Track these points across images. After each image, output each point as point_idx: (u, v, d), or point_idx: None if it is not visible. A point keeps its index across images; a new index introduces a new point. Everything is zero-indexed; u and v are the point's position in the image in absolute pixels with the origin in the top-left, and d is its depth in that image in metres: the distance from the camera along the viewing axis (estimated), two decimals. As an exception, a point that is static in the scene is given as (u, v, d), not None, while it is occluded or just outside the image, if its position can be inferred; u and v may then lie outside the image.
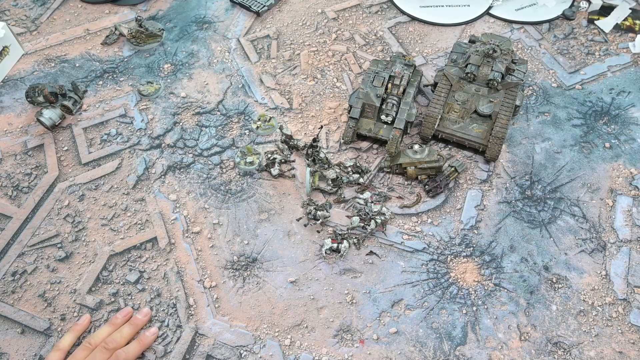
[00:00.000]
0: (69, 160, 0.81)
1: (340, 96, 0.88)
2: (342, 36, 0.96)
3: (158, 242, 0.73)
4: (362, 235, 0.72)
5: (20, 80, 0.90)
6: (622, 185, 0.77)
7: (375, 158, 0.80)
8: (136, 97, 0.88)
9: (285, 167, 0.80)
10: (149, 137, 0.83)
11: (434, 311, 0.67)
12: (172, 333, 0.66)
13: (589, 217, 0.74)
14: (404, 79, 0.80)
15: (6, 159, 0.81)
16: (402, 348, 0.64)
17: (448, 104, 0.80)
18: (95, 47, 0.95)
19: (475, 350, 0.64)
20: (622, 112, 0.85)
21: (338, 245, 0.70)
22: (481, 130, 0.78)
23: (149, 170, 0.80)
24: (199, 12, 1.01)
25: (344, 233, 0.72)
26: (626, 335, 0.65)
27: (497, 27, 0.97)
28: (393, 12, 1.00)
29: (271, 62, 0.93)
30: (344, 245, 0.70)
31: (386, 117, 0.79)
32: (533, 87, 0.88)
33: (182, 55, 0.94)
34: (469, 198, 0.76)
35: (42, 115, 0.81)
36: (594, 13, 0.98)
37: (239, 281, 0.70)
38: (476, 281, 0.69)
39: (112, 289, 0.69)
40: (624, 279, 0.69)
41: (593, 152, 0.81)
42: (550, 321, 0.66)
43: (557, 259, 0.71)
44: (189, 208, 0.76)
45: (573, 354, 0.64)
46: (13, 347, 0.65)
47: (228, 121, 0.85)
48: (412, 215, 0.75)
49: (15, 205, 0.76)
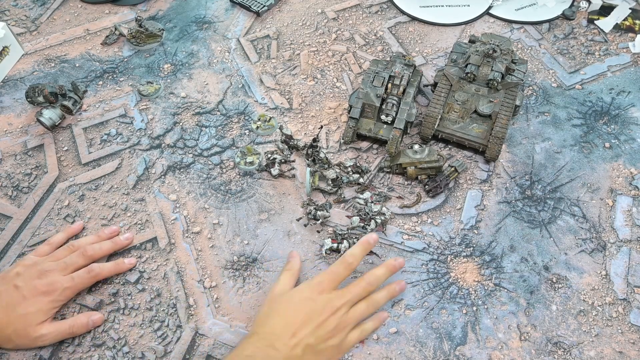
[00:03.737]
0: (69, 161, 0.81)
1: (340, 96, 0.88)
2: (342, 36, 0.96)
3: (158, 242, 0.73)
4: (362, 235, 0.72)
5: (20, 80, 0.90)
6: (622, 185, 0.77)
7: (375, 158, 0.80)
8: (136, 97, 0.88)
9: (285, 167, 0.80)
10: (149, 137, 0.83)
11: (434, 311, 0.67)
12: (172, 333, 0.66)
13: (589, 217, 0.74)
14: (404, 79, 0.80)
15: (6, 159, 0.81)
16: (402, 348, 0.64)
17: (448, 104, 0.80)
18: (95, 47, 0.95)
19: (475, 350, 0.64)
20: (622, 112, 0.85)
21: (338, 245, 0.70)
22: (481, 130, 0.78)
23: (149, 170, 0.80)
24: (199, 12, 1.01)
25: (344, 233, 0.72)
26: (626, 335, 0.65)
27: (497, 27, 0.97)
28: (393, 12, 1.00)
29: (271, 62, 0.93)
30: (344, 245, 0.70)
31: (386, 117, 0.79)
32: (533, 87, 0.88)
33: (182, 55, 0.94)
34: (469, 198, 0.76)
35: (42, 115, 0.81)
36: (594, 13, 0.98)
37: (239, 281, 0.70)
38: (476, 281, 0.69)
39: (112, 289, 0.69)
40: (624, 278, 0.69)
41: (593, 152, 0.81)
42: (550, 321, 0.66)
43: (557, 259, 0.71)
44: (189, 208, 0.76)
45: (573, 354, 0.64)
46: (13, 347, 0.65)
47: (228, 121, 0.85)
48: (412, 215, 0.75)
49: (15, 206, 0.76)
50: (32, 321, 0.62)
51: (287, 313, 0.60)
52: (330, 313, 0.60)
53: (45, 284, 0.63)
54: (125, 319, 0.67)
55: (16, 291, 0.62)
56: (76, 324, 0.64)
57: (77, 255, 0.67)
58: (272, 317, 0.60)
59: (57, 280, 0.64)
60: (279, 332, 0.59)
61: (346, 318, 0.61)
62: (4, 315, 0.61)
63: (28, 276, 0.63)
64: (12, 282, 0.63)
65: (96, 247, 0.69)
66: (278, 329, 0.59)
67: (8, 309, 0.61)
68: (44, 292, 0.63)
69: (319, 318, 0.60)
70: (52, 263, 0.66)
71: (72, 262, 0.66)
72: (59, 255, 0.67)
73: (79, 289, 0.66)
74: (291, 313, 0.60)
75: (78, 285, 0.66)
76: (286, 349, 0.57)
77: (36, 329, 0.62)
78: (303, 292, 0.62)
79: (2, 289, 0.62)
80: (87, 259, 0.68)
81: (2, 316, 0.61)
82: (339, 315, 0.61)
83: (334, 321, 0.60)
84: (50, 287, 0.63)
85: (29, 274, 0.64)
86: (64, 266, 0.66)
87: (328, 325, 0.60)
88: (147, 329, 0.66)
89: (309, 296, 0.61)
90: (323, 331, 0.59)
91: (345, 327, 0.61)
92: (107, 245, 0.70)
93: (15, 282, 0.63)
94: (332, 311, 0.60)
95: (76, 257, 0.67)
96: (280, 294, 0.63)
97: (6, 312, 0.61)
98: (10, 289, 0.62)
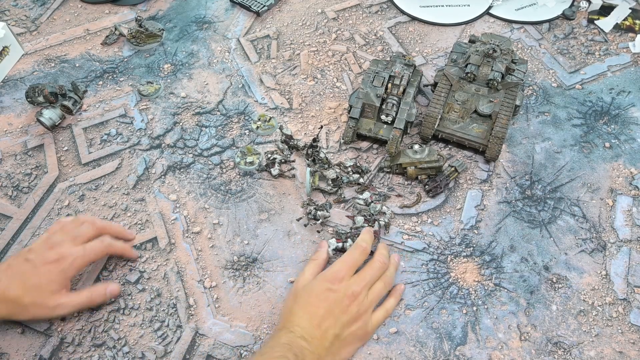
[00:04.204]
0: (69, 160, 0.81)
1: (340, 96, 0.88)
2: (342, 36, 0.96)
3: (158, 242, 0.73)
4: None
5: (20, 80, 0.90)
6: (622, 185, 0.77)
7: (375, 158, 0.80)
8: (136, 97, 0.88)
9: (285, 167, 0.80)
10: (149, 137, 0.83)
11: (434, 311, 0.67)
12: (172, 333, 0.66)
13: (589, 217, 0.74)
14: (404, 79, 0.80)
15: (6, 159, 0.81)
16: (402, 348, 0.64)
17: (448, 104, 0.80)
18: (95, 47, 0.95)
19: (476, 350, 0.64)
20: (622, 111, 0.85)
21: (343, 244, 0.70)
22: (481, 130, 0.78)
23: (149, 170, 0.80)
24: (199, 12, 1.01)
25: (347, 232, 0.71)
26: (626, 335, 0.65)
27: (497, 27, 0.97)
28: (393, 12, 1.00)
29: (271, 62, 0.93)
30: (348, 243, 0.70)
31: (386, 117, 0.79)
32: (533, 87, 0.88)
33: (182, 55, 0.94)
34: (469, 198, 0.76)
35: (42, 115, 0.81)
36: (594, 13, 0.98)
37: (239, 281, 0.70)
38: (476, 281, 0.69)
39: (112, 289, 0.69)
40: (624, 278, 0.69)
41: (593, 152, 0.81)
42: (550, 321, 0.66)
43: (557, 259, 0.71)
44: (189, 208, 0.76)
45: (573, 354, 0.64)
46: (13, 347, 0.65)
47: (228, 121, 0.85)
48: (412, 215, 0.75)
49: (15, 206, 0.76)
50: (46, 291, 0.63)
51: (310, 306, 0.61)
52: (352, 300, 0.62)
53: (55, 254, 0.64)
54: (126, 319, 0.67)
55: (27, 263, 0.64)
56: (94, 294, 0.66)
57: (86, 227, 0.68)
58: (296, 311, 0.61)
59: (67, 250, 0.65)
60: (304, 325, 0.59)
61: (367, 301, 0.63)
62: (18, 286, 0.63)
63: (39, 249, 0.65)
64: (24, 256, 0.65)
65: (105, 221, 0.71)
66: (303, 322, 0.60)
67: (21, 281, 0.63)
68: (54, 262, 0.64)
69: (340, 306, 0.61)
70: (62, 236, 0.67)
71: (82, 233, 0.67)
72: (69, 229, 0.68)
73: (90, 259, 0.67)
74: (313, 305, 0.61)
75: (89, 255, 0.66)
76: (315, 341, 0.58)
77: (53, 298, 0.64)
78: (323, 283, 0.63)
79: (15, 263, 0.64)
80: (97, 230, 0.69)
81: (17, 288, 0.63)
82: (360, 300, 0.62)
83: (356, 307, 0.62)
84: (60, 257, 0.64)
85: (40, 247, 0.65)
86: (74, 237, 0.67)
87: (351, 312, 0.61)
88: (147, 329, 0.66)
89: (329, 287, 0.62)
90: (347, 318, 0.61)
91: (367, 310, 0.63)
92: (116, 225, 0.72)
93: (27, 256, 0.65)
94: (353, 298, 0.62)
95: (85, 228, 0.68)
96: (302, 286, 0.64)
97: (20, 283, 0.63)
98: (21, 262, 0.64)
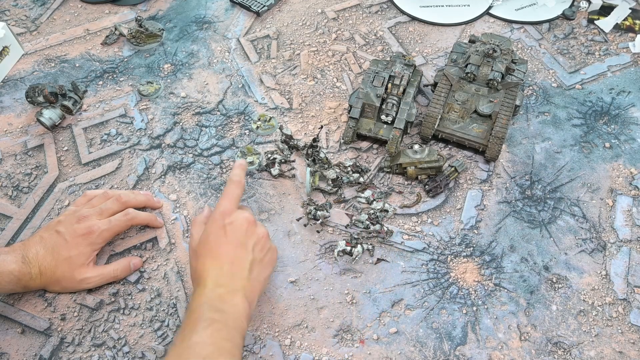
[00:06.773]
0: (69, 160, 0.81)
1: (340, 96, 0.88)
2: (342, 36, 0.96)
3: (158, 242, 0.73)
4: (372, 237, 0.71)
5: (20, 80, 0.90)
6: (622, 185, 0.77)
7: (375, 158, 0.80)
8: (136, 97, 0.88)
9: (285, 167, 0.80)
10: (149, 137, 0.83)
11: (434, 311, 0.67)
12: (172, 333, 0.66)
13: (589, 217, 0.74)
14: (404, 79, 0.80)
15: (6, 159, 0.81)
16: (402, 348, 0.64)
17: (448, 104, 0.80)
18: (95, 47, 0.95)
19: (476, 350, 0.64)
20: (622, 112, 0.85)
21: (351, 249, 0.69)
22: (481, 130, 0.78)
23: (149, 170, 0.80)
24: (199, 12, 1.01)
25: (359, 238, 0.71)
26: (626, 335, 0.65)
27: (497, 27, 0.97)
28: (393, 12, 1.00)
29: (271, 62, 0.93)
30: (357, 249, 0.69)
31: (386, 117, 0.79)
32: (533, 87, 0.88)
33: (182, 55, 0.94)
34: (469, 198, 0.76)
35: (42, 115, 0.81)
36: (594, 13, 0.98)
37: (239, 281, 0.70)
38: (476, 281, 0.69)
39: (112, 289, 0.69)
40: (624, 278, 0.69)
41: (593, 152, 0.81)
42: (550, 321, 0.66)
43: (557, 259, 0.71)
44: (189, 208, 0.76)
45: (573, 354, 0.64)
46: (13, 347, 0.65)
47: (228, 121, 0.85)
48: (412, 215, 0.75)
49: (15, 206, 0.76)
50: (76, 263, 0.66)
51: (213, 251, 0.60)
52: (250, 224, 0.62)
53: (83, 228, 0.67)
54: (126, 319, 0.67)
55: (58, 236, 0.66)
56: (119, 267, 0.69)
57: (112, 202, 0.71)
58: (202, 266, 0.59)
59: (95, 223, 0.68)
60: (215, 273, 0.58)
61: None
62: (52, 258, 0.65)
63: (68, 222, 0.67)
64: (54, 228, 0.67)
65: (130, 195, 0.73)
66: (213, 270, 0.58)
67: (54, 253, 0.65)
68: (83, 235, 0.67)
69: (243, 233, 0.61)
70: (89, 209, 0.69)
71: (107, 208, 0.70)
72: (95, 203, 0.71)
73: (115, 231, 0.70)
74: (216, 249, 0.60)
75: (114, 228, 0.69)
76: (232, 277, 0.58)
77: (80, 271, 0.66)
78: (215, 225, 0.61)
79: (47, 235, 0.66)
80: (122, 204, 0.71)
81: (50, 259, 0.65)
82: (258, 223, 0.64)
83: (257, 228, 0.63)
84: (88, 230, 0.67)
85: (68, 220, 0.68)
86: (100, 211, 0.69)
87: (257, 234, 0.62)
88: (147, 328, 0.66)
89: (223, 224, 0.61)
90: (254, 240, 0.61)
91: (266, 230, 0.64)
92: (141, 197, 0.74)
93: (57, 228, 0.67)
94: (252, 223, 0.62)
95: (111, 203, 0.71)
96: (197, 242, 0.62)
97: (53, 255, 0.65)
98: (53, 235, 0.66)
